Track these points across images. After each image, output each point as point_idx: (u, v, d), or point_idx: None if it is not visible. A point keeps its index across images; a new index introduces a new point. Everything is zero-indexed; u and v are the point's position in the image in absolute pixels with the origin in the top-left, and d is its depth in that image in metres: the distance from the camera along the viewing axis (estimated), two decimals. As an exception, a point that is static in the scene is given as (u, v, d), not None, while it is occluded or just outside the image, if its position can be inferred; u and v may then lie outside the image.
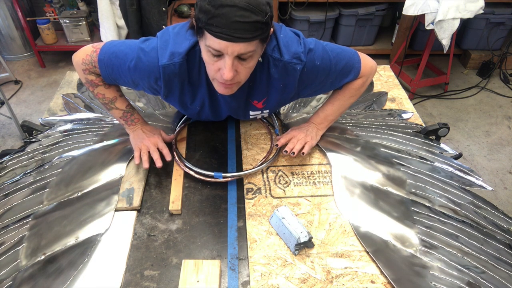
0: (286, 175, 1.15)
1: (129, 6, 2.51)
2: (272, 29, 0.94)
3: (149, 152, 1.12)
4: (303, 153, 1.15)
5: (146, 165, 1.09)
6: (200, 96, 1.08)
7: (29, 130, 1.33)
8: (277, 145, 1.19)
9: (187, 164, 1.14)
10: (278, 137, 1.24)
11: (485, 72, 3.18)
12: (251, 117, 1.21)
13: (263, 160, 1.17)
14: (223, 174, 1.09)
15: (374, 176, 1.13)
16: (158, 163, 1.09)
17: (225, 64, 0.83)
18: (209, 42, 0.81)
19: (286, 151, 1.15)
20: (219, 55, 0.83)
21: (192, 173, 1.11)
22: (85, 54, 1.02)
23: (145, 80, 1.00)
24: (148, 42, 0.98)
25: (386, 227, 0.99)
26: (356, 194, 1.07)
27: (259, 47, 0.86)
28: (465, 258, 0.93)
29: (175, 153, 1.18)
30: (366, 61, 1.10)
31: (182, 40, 0.95)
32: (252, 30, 0.78)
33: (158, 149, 1.13)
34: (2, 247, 0.93)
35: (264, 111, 1.17)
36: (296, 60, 0.97)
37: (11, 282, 0.86)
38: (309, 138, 1.18)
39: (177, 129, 1.28)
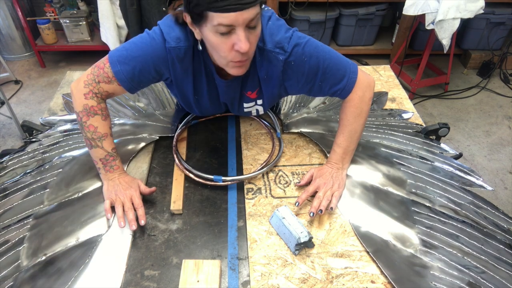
0: (286, 175, 1.15)
1: (129, 6, 2.51)
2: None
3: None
4: (331, 208, 1.01)
5: (121, 224, 0.94)
6: (199, 85, 1.08)
7: (29, 130, 1.33)
8: (298, 203, 1.02)
9: (186, 166, 1.13)
10: (299, 184, 1.10)
11: (485, 72, 3.18)
12: (245, 110, 1.18)
13: (264, 164, 1.17)
14: (223, 178, 1.09)
15: (375, 176, 1.13)
16: (132, 226, 0.94)
17: (238, 37, 0.82)
18: (218, 20, 0.79)
19: (312, 213, 0.99)
20: (228, 31, 0.82)
21: (192, 176, 1.11)
22: (86, 75, 0.98)
23: (157, 62, 0.98)
24: (151, 31, 0.97)
25: (387, 227, 0.99)
26: (356, 194, 1.07)
27: (260, 14, 0.86)
28: (465, 258, 0.93)
29: (175, 155, 1.18)
30: (364, 74, 1.06)
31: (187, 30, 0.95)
32: None
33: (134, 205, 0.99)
34: (3, 247, 0.93)
35: (258, 102, 1.15)
36: (279, 49, 0.95)
37: (12, 283, 0.86)
38: (337, 186, 1.05)
39: (178, 131, 1.27)
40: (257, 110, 1.20)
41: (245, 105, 1.16)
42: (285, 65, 0.98)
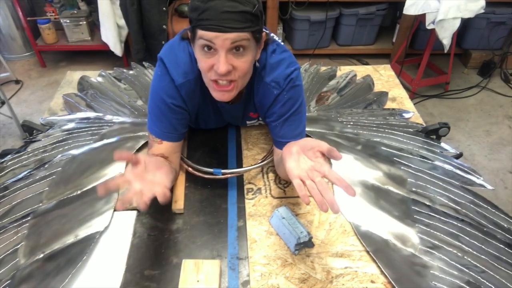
0: (286, 174, 1.15)
1: (129, 5, 2.52)
2: (266, 44, 0.95)
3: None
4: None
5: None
6: (206, 108, 1.10)
7: (29, 130, 1.33)
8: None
9: (186, 160, 1.13)
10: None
11: (486, 72, 3.17)
12: (248, 125, 1.25)
13: (264, 158, 1.17)
14: (222, 171, 1.09)
15: (375, 175, 1.13)
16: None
17: (219, 58, 0.82)
18: (200, 34, 0.80)
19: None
20: (210, 48, 0.81)
21: (190, 169, 1.11)
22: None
23: (176, 102, 0.98)
24: (158, 73, 0.97)
25: (387, 226, 0.99)
26: (356, 193, 1.07)
27: (253, 42, 0.84)
28: (465, 257, 0.93)
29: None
30: None
31: (190, 54, 0.95)
32: (242, 21, 0.78)
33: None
34: (1, 246, 0.93)
35: (260, 118, 1.19)
36: (275, 84, 0.97)
37: (10, 281, 0.86)
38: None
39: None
40: (260, 124, 1.25)
41: (248, 122, 1.21)
42: (275, 99, 0.99)
